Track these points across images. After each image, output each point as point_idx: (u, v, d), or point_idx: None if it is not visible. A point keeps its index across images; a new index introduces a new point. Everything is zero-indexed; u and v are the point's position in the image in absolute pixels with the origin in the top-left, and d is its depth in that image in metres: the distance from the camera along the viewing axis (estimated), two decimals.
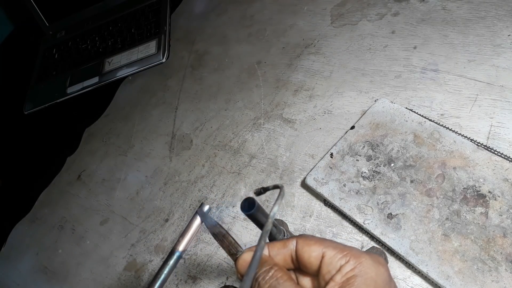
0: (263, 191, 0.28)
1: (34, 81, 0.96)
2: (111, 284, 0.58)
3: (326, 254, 0.28)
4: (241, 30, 0.79)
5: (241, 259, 0.29)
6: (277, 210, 0.25)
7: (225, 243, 0.30)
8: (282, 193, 0.26)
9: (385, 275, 0.27)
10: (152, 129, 0.74)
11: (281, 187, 0.26)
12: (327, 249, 0.28)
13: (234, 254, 0.29)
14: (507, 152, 0.46)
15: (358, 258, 0.27)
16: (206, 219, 0.31)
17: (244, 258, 0.29)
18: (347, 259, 0.27)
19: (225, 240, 0.30)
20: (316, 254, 0.28)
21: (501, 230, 0.40)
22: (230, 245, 0.30)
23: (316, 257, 0.28)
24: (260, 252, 0.23)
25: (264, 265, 0.28)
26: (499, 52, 0.55)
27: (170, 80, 0.80)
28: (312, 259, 0.28)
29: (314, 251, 0.28)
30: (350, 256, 0.27)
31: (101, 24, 0.98)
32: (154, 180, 0.66)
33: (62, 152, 0.80)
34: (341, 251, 0.27)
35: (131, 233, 0.62)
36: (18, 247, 0.70)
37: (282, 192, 0.26)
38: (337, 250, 0.28)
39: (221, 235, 0.30)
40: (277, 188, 0.27)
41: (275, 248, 0.30)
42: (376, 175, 0.48)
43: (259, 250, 0.23)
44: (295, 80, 0.66)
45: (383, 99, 0.54)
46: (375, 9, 0.68)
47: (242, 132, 0.64)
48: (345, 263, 0.27)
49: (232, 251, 0.30)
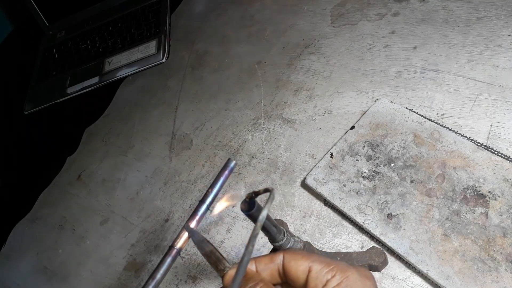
0: (254, 195, 0.29)
1: (34, 81, 0.96)
2: (111, 284, 0.58)
3: (313, 268, 0.28)
4: (241, 30, 0.79)
5: (228, 275, 0.29)
6: (266, 213, 0.25)
7: (212, 259, 0.30)
8: (272, 196, 0.26)
9: None
10: (152, 129, 0.74)
11: (271, 190, 0.27)
12: (313, 263, 0.28)
13: (221, 270, 0.29)
14: (507, 152, 0.46)
15: (345, 272, 0.27)
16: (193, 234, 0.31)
17: (231, 273, 0.29)
18: (334, 273, 0.27)
19: (213, 256, 0.30)
20: (303, 268, 0.28)
21: (501, 230, 0.40)
22: (217, 260, 0.30)
23: (303, 271, 0.28)
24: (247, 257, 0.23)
25: (250, 281, 0.28)
26: (499, 52, 0.55)
27: (170, 80, 0.80)
28: (299, 273, 0.28)
29: (301, 265, 0.28)
30: (337, 270, 0.27)
31: (101, 24, 0.98)
32: (154, 180, 0.66)
33: (62, 152, 0.80)
34: (328, 265, 0.28)
35: (131, 233, 0.62)
36: (18, 247, 0.70)
37: (272, 195, 0.26)
38: (324, 264, 0.28)
39: (209, 250, 0.30)
40: (268, 192, 0.27)
41: (262, 263, 0.30)
42: (376, 175, 0.48)
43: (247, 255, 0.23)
44: (295, 80, 0.66)
45: (383, 99, 0.54)
46: (375, 9, 0.68)
47: (242, 132, 0.64)
48: (331, 277, 0.27)
49: (219, 267, 0.30)
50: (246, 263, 0.23)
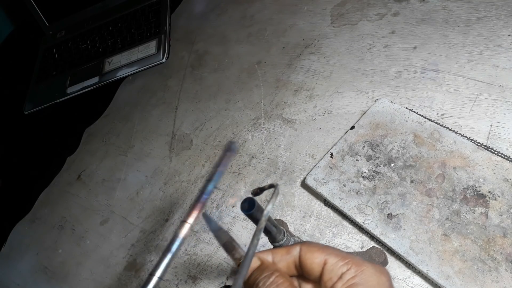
0: (259, 191, 0.29)
1: (34, 81, 0.96)
2: (111, 284, 0.58)
3: (328, 261, 0.28)
4: (241, 30, 0.79)
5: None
6: (271, 208, 0.26)
7: (229, 248, 0.30)
8: (277, 192, 0.26)
9: (387, 285, 0.27)
10: (152, 129, 0.74)
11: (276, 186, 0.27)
12: (329, 256, 0.28)
13: (238, 258, 0.30)
14: (507, 152, 0.46)
15: (360, 266, 0.27)
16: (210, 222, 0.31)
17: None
18: (349, 267, 0.27)
19: (229, 245, 0.30)
20: (318, 261, 0.28)
21: (501, 230, 0.40)
22: (234, 250, 0.30)
23: (318, 264, 0.28)
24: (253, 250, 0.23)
25: (266, 271, 0.28)
26: (499, 52, 0.55)
27: (170, 80, 0.80)
28: (315, 265, 0.28)
29: (317, 257, 0.28)
30: (352, 264, 0.27)
31: (101, 24, 0.98)
32: (154, 180, 0.66)
33: (62, 152, 0.80)
34: (343, 258, 0.28)
35: (131, 233, 0.62)
36: (18, 247, 0.70)
37: (277, 191, 0.26)
38: (339, 258, 0.28)
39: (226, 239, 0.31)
40: (273, 187, 0.27)
41: (279, 254, 0.30)
42: (376, 175, 0.48)
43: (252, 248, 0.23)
44: (295, 80, 0.66)
45: (383, 99, 0.54)
46: (375, 9, 0.68)
47: (242, 132, 0.64)
48: (346, 270, 0.27)
49: (236, 255, 0.30)
50: (251, 256, 0.23)
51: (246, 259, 0.23)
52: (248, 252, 0.23)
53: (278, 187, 0.27)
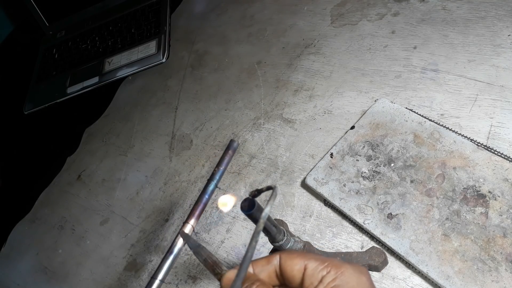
0: (257, 193, 0.29)
1: (34, 81, 0.96)
2: (111, 284, 0.58)
3: (308, 266, 0.28)
4: (241, 30, 0.79)
5: (226, 278, 0.30)
6: (269, 210, 0.26)
7: (209, 263, 0.30)
8: (275, 193, 0.26)
9: (367, 284, 0.27)
10: (152, 129, 0.74)
11: (274, 188, 0.27)
12: (309, 262, 0.28)
13: (218, 273, 0.30)
14: (507, 152, 0.46)
15: (339, 268, 0.27)
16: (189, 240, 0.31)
17: (228, 276, 0.30)
18: (329, 270, 0.27)
19: (209, 260, 0.31)
20: (298, 267, 0.28)
21: (501, 230, 0.40)
22: (214, 264, 0.30)
23: (298, 270, 0.28)
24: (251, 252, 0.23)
25: (247, 281, 0.29)
26: (499, 52, 0.55)
27: (170, 80, 0.80)
28: (295, 272, 0.28)
29: (297, 264, 0.28)
30: (331, 266, 0.27)
31: (101, 24, 0.98)
32: (154, 180, 0.66)
33: (62, 152, 0.80)
34: (322, 262, 0.28)
35: (131, 233, 0.62)
36: (18, 247, 0.70)
37: (275, 193, 0.26)
38: (319, 262, 0.28)
39: (206, 255, 0.31)
40: (271, 189, 0.27)
41: (259, 265, 0.30)
42: (376, 175, 0.48)
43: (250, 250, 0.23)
44: (295, 80, 0.66)
45: (383, 99, 0.54)
46: (375, 9, 0.68)
47: (242, 132, 0.64)
48: (326, 273, 0.27)
49: (216, 270, 0.30)
50: (250, 258, 0.23)
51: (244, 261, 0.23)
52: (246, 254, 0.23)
53: (276, 189, 0.27)
